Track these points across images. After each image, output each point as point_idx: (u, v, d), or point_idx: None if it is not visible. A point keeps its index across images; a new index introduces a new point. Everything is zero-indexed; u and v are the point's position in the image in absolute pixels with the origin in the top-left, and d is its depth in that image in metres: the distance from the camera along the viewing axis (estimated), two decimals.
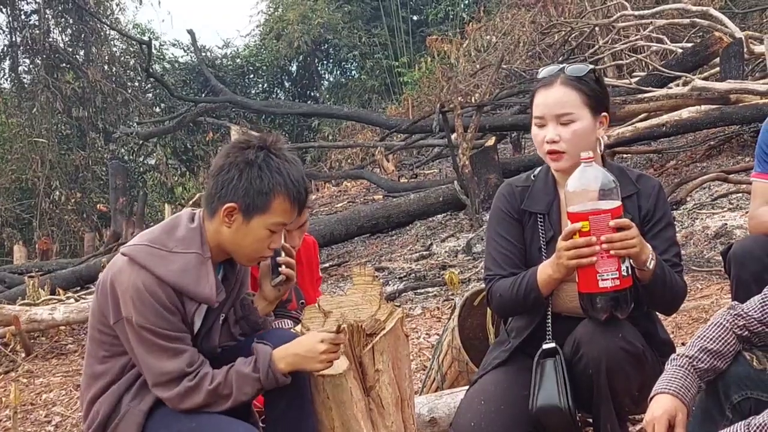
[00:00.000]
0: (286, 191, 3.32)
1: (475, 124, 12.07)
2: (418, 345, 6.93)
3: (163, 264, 3.22)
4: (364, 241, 12.94)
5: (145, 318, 3.18)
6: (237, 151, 3.34)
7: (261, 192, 3.29)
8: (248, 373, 3.28)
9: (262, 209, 3.30)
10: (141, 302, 3.18)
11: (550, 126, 3.50)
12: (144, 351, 3.22)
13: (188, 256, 3.27)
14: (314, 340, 3.34)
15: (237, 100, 23.41)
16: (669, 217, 3.60)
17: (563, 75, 3.54)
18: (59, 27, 25.64)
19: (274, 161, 3.33)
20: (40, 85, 23.97)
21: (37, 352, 8.89)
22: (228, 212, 3.29)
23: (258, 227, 3.33)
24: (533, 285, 3.44)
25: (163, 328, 3.20)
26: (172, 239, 3.30)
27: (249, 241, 3.35)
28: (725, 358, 3.02)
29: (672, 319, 6.11)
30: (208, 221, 3.36)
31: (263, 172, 3.29)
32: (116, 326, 3.26)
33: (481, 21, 22.25)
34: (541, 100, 3.53)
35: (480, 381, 3.64)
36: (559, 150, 3.47)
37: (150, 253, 3.25)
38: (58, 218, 22.99)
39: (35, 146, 23.28)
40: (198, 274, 3.26)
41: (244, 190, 3.28)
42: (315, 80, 32.13)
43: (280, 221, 3.37)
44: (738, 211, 9.02)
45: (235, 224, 3.31)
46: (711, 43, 13.96)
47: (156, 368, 3.22)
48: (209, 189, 3.35)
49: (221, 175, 3.31)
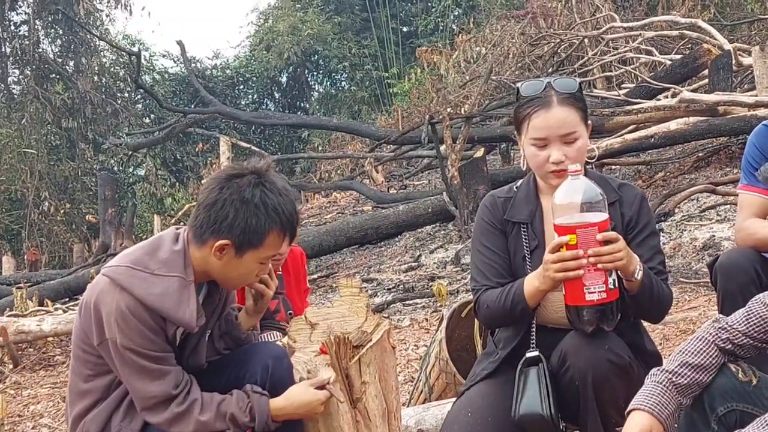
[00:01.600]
0: (281, 227, 3.31)
1: (464, 135, 12.09)
2: (407, 356, 6.93)
3: (144, 287, 3.19)
4: (353, 252, 12.94)
5: (130, 339, 3.16)
6: (231, 186, 3.28)
7: (256, 231, 3.27)
8: (243, 417, 3.28)
9: (256, 246, 3.29)
10: (125, 324, 3.16)
11: (553, 146, 3.45)
12: (129, 373, 3.21)
13: (170, 279, 3.24)
14: (315, 401, 3.35)
15: (226, 111, 23.44)
16: (653, 225, 3.60)
17: (557, 93, 3.49)
18: (49, 38, 25.64)
19: (269, 198, 3.29)
20: (30, 96, 23.93)
21: (24, 363, 8.87)
22: (221, 247, 3.27)
23: (250, 261, 3.32)
24: (520, 297, 3.44)
25: (148, 349, 3.19)
26: (155, 261, 3.27)
27: (238, 273, 3.36)
28: (708, 371, 3.02)
29: (660, 330, 6.13)
30: (195, 247, 3.32)
31: (259, 211, 3.26)
32: (100, 347, 3.24)
33: (471, 32, 22.32)
34: (542, 122, 3.46)
35: (467, 393, 3.63)
36: (565, 169, 3.45)
37: (132, 275, 3.22)
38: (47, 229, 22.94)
39: (24, 157, 23.24)
40: (179, 298, 3.23)
41: (240, 229, 3.25)
42: (305, 91, 32.15)
43: (272, 254, 3.37)
44: (726, 223, 9.04)
45: (225, 258, 3.30)
46: (700, 55, 14.03)
47: (142, 391, 3.21)
48: (200, 219, 3.30)
49: (215, 210, 3.26)
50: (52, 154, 24.82)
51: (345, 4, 31.00)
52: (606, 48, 17.33)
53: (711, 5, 19.95)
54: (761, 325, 3.05)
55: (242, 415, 3.28)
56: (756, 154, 4.14)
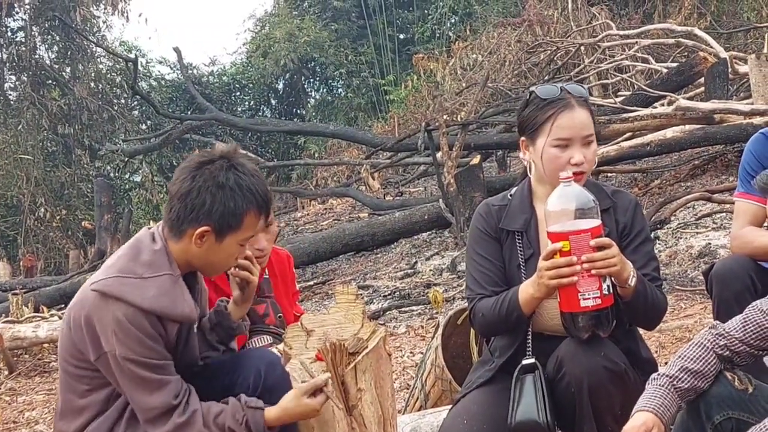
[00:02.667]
0: (257, 207, 3.33)
1: (460, 142, 12.09)
2: (402, 363, 6.93)
3: (138, 292, 3.18)
4: (349, 259, 12.94)
5: (130, 349, 3.15)
6: (203, 173, 3.29)
7: (234, 214, 3.28)
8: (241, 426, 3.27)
9: (235, 228, 3.30)
10: (124, 334, 3.14)
11: (575, 148, 3.47)
12: (130, 386, 3.19)
13: (161, 279, 3.23)
14: (311, 410, 3.35)
15: (223, 118, 23.42)
16: (647, 231, 3.62)
17: (574, 96, 3.53)
18: (45, 44, 25.63)
19: (243, 180, 3.31)
20: (26, 102, 23.91)
21: (20, 369, 8.87)
22: (201, 235, 3.27)
23: (230, 245, 3.33)
24: (515, 304, 3.44)
25: (149, 358, 3.17)
26: (140, 265, 3.25)
27: (221, 258, 3.36)
28: (706, 377, 3.03)
29: (655, 338, 6.13)
30: (173, 241, 3.32)
31: (235, 194, 3.28)
32: (98, 362, 3.22)
33: (468, 40, 22.34)
34: (568, 122, 3.48)
35: (463, 400, 3.63)
36: (584, 171, 3.47)
37: (122, 283, 3.20)
38: (43, 235, 22.93)
39: (21, 163, 23.22)
40: (174, 295, 3.24)
41: (219, 214, 3.26)
42: (301, 98, 32.15)
43: (251, 235, 3.38)
44: (722, 231, 9.05)
45: (206, 245, 3.30)
46: (696, 63, 14.06)
47: (143, 403, 3.20)
48: (176, 212, 3.30)
49: (190, 199, 3.27)
50: (48, 161, 24.80)
51: (342, 12, 31.01)
52: (602, 56, 17.35)
53: (707, 13, 19.98)
54: (758, 332, 3.06)
55: (239, 429, 3.27)
56: (753, 162, 4.14)
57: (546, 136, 3.50)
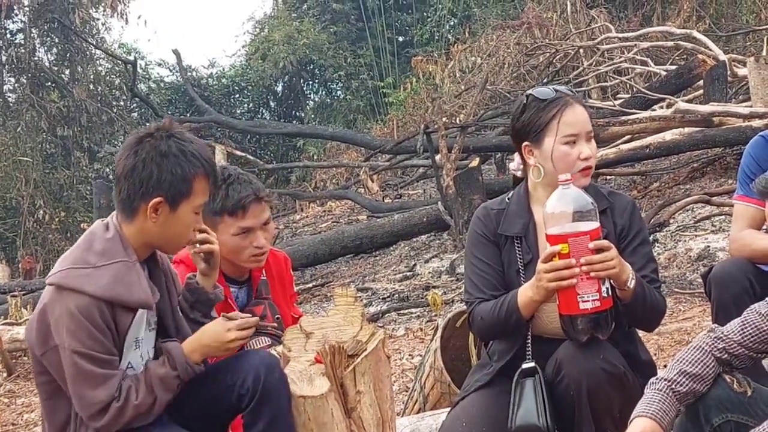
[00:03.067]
0: (204, 171, 3.34)
1: (459, 144, 12.09)
2: (401, 366, 6.93)
3: (92, 281, 3.17)
4: (347, 262, 12.94)
5: (79, 342, 3.12)
6: (144, 146, 3.30)
7: (184, 179, 3.29)
8: (167, 372, 3.28)
9: (187, 195, 3.31)
10: (75, 325, 3.13)
11: (583, 143, 3.51)
12: (77, 380, 3.16)
13: (114, 266, 3.22)
14: (222, 329, 3.40)
15: (222, 120, 23.44)
16: (645, 233, 3.63)
17: (572, 95, 3.57)
18: (45, 46, 25.58)
19: (185, 146, 3.33)
20: (25, 104, 23.88)
21: (19, 371, 8.86)
22: (155, 207, 3.27)
23: (185, 213, 3.33)
24: (514, 308, 3.44)
25: (97, 351, 3.15)
26: (93, 254, 3.24)
27: (178, 228, 3.35)
28: (705, 381, 3.03)
29: (654, 341, 6.13)
30: (128, 224, 3.32)
31: (180, 159, 3.29)
32: (45, 357, 3.22)
33: (467, 42, 22.33)
34: (573, 117, 3.51)
35: (462, 403, 3.63)
36: (591, 166, 3.50)
37: (76, 274, 3.19)
38: (41, 237, 22.89)
39: (20, 165, 23.18)
40: (129, 281, 3.22)
41: (168, 182, 3.27)
42: (300, 100, 32.15)
43: (202, 201, 3.38)
44: (721, 234, 9.04)
45: (161, 217, 3.29)
46: (695, 66, 14.06)
47: (89, 398, 3.17)
48: (125, 191, 3.30)
49: (137, 174, 3.27)
50: (47, 163, 24.77)
51: (341, 14, 31.02)
52: (601, 58, 17.36)
53: (706, 16, 19.99)
54: (756, 335, 3.06)
55: (162, 368, 3.29)
56: (752, 165, 4.14)
57: (554, 135, 3.51)
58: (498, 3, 26.71)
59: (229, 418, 3.51)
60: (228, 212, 4.07)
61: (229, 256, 4.08)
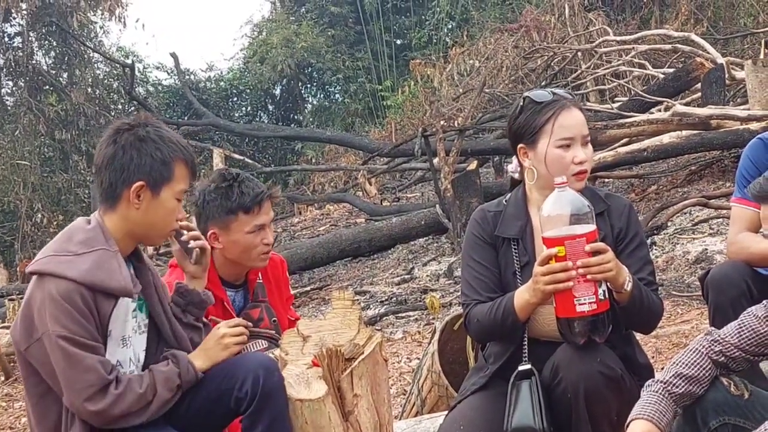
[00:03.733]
0: (183, 157, 3.39)
1: (457, 147, 12.10)
2: (399, 369, 6.93)
3: (72, 266, 3.19)
4: (345, 265, 12.93)
5: (63, 326, 3.13)
6: (123, 134, 3.36)
7: (164, 162, 3.33)
8: (170, 369, 3.32)
9: (168, 179, 3.35)
10: (57, 309, 3.14)
11: (578, 147, 3.51)
12: (64, 366, 3.16)
13: (95, 253, 3.24)
14: (216, 332, 3.50)
15: (220, 123, 23.43)
16: (641, 235, 3.63)
17: (569, 99, 3.57)
18: (43, 49, 25.56)
19: (163, 132, 3.39)
20: (23, 108, 23.85)
21: (16, 375, 8.84)
22: (137, 192, 3.31)
23: (168, 198, 3.36)
24: (510, 310, 3.44)
25: (80, 336, 3.15)
26: (73, 244, 3.27)
27: (161, 215, 3.38)
28: (701, 383, 3.03)
29: (652, 343, 6.13)
30: (110, 214, 3.35)
31: (159, 144, 3.34)
32: (30, 351, 3.22)
33: (465, 45, 22.32)
34: (569, 121, 3.51)
35: (459, 406, 3.63)
36: (587, 170, 3.50)
37: (57, 261, 3.22)
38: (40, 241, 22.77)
39: (17, 168, 23.15)
40: (110, 267, 3.24)
41: (148, 165, 3.31)
42: (298, 103, 32.12)
43: (184, 188, 3.41)
44: (718, 236, 9.05)
45: (144, 203, 3.33)
46: (692, 69, 14.07)
47: (80, 382, 3.16)
48: (107, 179, 3.34)
49: (117, 160, 3.32)
50: (45, 166, 24.73)
51: (339, 17, 31.00)
52: (599, 61, 17.37)
53: (704, 19, 19.99)
54: (753, 338, 3.06)
55: (167, 368, 3.32)
56: (750, 168, 4.15)
57: (548, 138, 3.52)
58: (496, 6, 26.70)
59: (226, 422, 3.51)
60: (244, 209, 4.13)
61: (240, 255, 4.13)
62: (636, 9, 21.72)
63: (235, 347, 3.51)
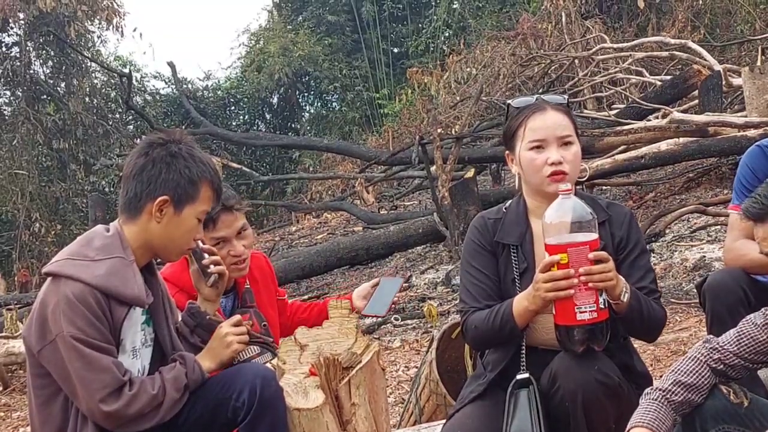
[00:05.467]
0: (210, 179, 3.40)
1: (454, 155, 12.10)
2: (397, 378, 6.92)
3: (88, 271, 3.21)
4: (343, 273, 12.93)
5: (77, 328, 3.14)
6: (155, 148, 3.37)
7: (191, 181, 3.34)
8: (178, 369, 3.34)
9: (193, 198, 3.36)
10: (71, 311, 3.15)
11: (552, 148, 3.48)
12: (79, 367, 3.16)
13: (111, 260, 3.26)
14: (219, 331, 3.52)
15: (217, 132, 23.45)
16: (643, 244, 3.62)
17: (549, 102, 3.57)
18: (40, 59, 25.58)
19: (195, 151, 3.41)
20: (21, 117, 23.86)
21: (14, 385, 8.84)
22: (160, 206, 3.32)
23: (189, 217, 3.37)
24: (509, 317, 3.43)
25: (94, 338, 3.17)
26: (92, 249, 3.29)
27: (181, 232, 3.39)
28: (700, 391, 3.03)
29: (650, 351, 6.13)
30: (130, 224, 3.36)
31: (189, 162, 3.35)
32: (43, 353, 3.22)
33: (462, 53, 22.33)
34: (539, 123, 3.50)
35: (457, 415, 3.62)
36: (563, 171, 3.46)
37: (73, 264, 3.24)
38: (38, 250, 22.84)
39: (15, 178, 23.17)
40: (125, 275, 3.26)
41: (175, 182, 3.33)
42: (296, 112, 32.14)
43: (206, 209, 3.43)
44: (716, 244, 9.05)
45: (165, 218, 3.34)
46: (690, 76, 14.09)
47: (95, 383, 3.17)
48: (132, 190, 3.35)
49: (146, 173, 3.33)
50: (43, 176, 24.73)
51: (336, 26, 31.05)
52: (596, 69, 17.39)
53: (701, 26, 20.03)
54: (752, 346, 3.06)
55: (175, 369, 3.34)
56: (748, 175, 4.14)
57: (521, 141, 3.54)
58: (493, 14, 26.75)
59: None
60: None
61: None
62: (633, 16, 21.75)
63: (237, 345, 3.52)
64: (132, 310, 3.29)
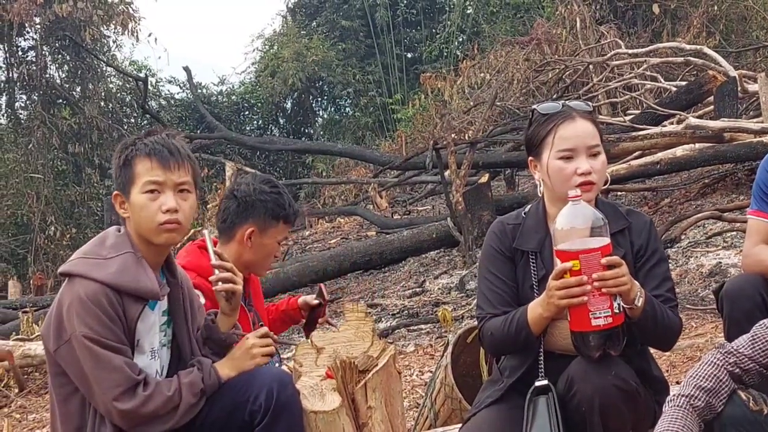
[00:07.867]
0: (145, 153, 3.44)
1: (468, 160, 12.09)
2: (411, 382, 6.91)
3: (101, 268, 3.26)
4: (357, 278, 12.92)
5: (90, 328, 3.19)
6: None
7: (125, 166, 3.42)
8: (195, 374, 3.36)
9: (131, 181, 3.40)
10: (85, 311, 3.20)
11: (581, 158, 3.45)
12: (93, 366, 3.20)
13: (123, 257, 3.31)
14: (245, 342, 3.52)
15: (232, 137, 23.46)
16: (662, 252, 3.59)
17: (577, 110, 3.53)
18: (56, 63, 25.64)
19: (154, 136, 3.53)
20: (37, 121, 23.92)
21: (30, 387, 8.86)
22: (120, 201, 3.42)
23: (135, 196, 3.39)
24: (524, 324, 3.42)
25: (106, 338, 3.20)
26: (104, 248, 3.35)
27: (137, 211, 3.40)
28: (720, 396, 3.01)
29: (666, 357, 6.11)
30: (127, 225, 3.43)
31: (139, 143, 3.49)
32: (60, 352, 3.25)
33: (475, 58, 22.29)
34: (570, 132, 3.47)
35: (473, 419, 3.61)
36: (592, 181, 3.45)
37: (85, 262, 3.30)
38: (53, 254, 22.88)
39: (31, 182, 23.23)
40: (136, 271, 3.30)
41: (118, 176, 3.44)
42: (309, 117, 32.18)
43: (149, 179, 3.39)
44: (732, 250, 9.03)
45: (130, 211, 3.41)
46: (705, 82, 14.05)
47: (108, 382, 3.20)
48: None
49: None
50: (58, 179, 24.81)
51: (349, 31, 31.08)
52: (611, 74, 17.33)
53: (716, 32, 19.97)
54: (766, 350, 3.04)
55: (192, 373, 3.36)
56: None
57: (549, 149, 3.50)
58: (507, 19, 26.75)
59: None
60: (286, 219, 4.29)
61: (261, 259, 4.22)
62: (647, 22, 21.71)
63: (262, 358, 3.53)
64: (147, 308, 3.33)
